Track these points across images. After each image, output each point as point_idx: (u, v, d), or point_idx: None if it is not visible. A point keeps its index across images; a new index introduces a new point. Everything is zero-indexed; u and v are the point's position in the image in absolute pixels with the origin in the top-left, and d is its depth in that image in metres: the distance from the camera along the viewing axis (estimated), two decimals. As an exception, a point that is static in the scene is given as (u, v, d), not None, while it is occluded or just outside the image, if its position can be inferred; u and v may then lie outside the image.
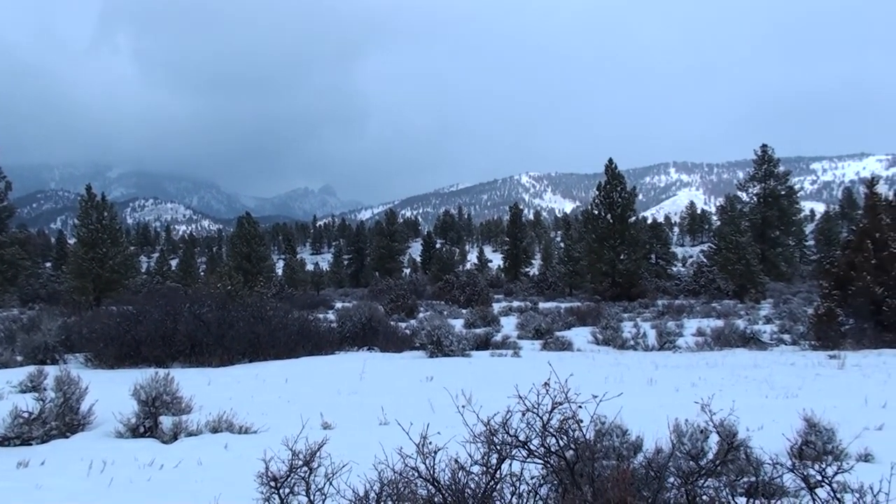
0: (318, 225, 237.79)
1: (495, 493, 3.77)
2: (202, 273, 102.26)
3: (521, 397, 3.96)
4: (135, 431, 8.74)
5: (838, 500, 3.42)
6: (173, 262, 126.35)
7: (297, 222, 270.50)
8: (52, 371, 9.96)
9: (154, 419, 8.87)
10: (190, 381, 11.68)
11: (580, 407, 3.95)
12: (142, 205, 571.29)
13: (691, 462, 6.52)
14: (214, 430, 8.83)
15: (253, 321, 19.35)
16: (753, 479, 4.46)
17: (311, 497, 3.89)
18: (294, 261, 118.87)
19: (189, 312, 18.49)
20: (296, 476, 3.91)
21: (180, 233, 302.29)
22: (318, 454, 4.05)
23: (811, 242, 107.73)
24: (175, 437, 8.58)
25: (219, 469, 7.11)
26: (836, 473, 3.52)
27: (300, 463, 3.92)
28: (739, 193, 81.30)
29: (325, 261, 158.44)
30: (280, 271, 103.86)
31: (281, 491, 3.86)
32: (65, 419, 8.83)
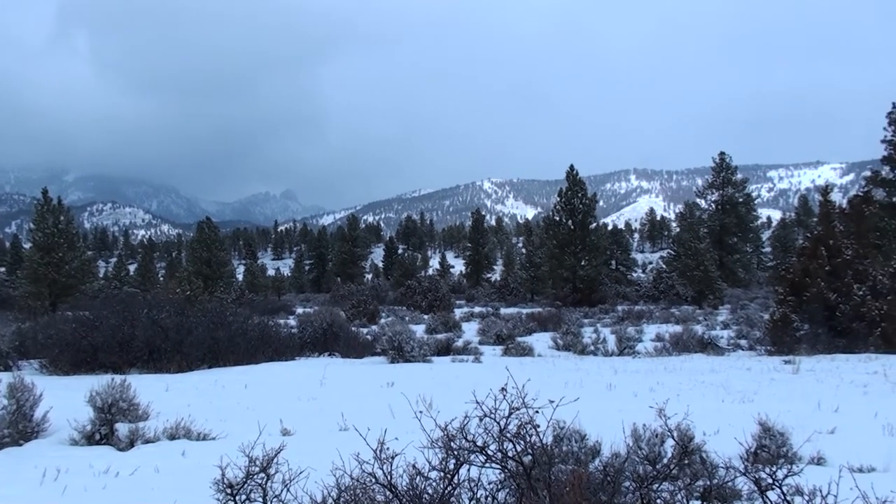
0: (279, 230, 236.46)
1: (453, 499, 3.79)
2: (161, 278, 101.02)
3: (478, 403, 3.99)
4: (90, 439, 8.62)
5: (788, 502, 3.49)
6: (132, 267, 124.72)
7: (258, 227, 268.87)
8: (5, 377, 9.78)
9: (110, 426, 8.76)
10: (147, 388, 11.55)
11: (537, 412, 3.99)
12: (100, 209, 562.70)
13: (648, 466, 6.60)
14: (172, 437, 8.74)
15: (212, 327, 19.16)
16: (709, 482, 4.52)
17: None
18: (255, 266, 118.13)
19: (147, 318, 18.27)
20: (252, 483, 3.89)
21: (139, 237, 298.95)
22: (275, 460, 4.04)
23: (768, 249, 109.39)
24: (132, 445, 8.47)
25: (176, 476, 7.04)
26: (785, 476, 3.59)
27: (257, 469, 3.91)
28: (698, 200, 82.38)
29: (286, 266, 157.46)
30: (241, 276, 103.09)
31: (237, 498, 3.84)
32: (18, 426, 8.67)
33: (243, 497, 3.87)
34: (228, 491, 3.85)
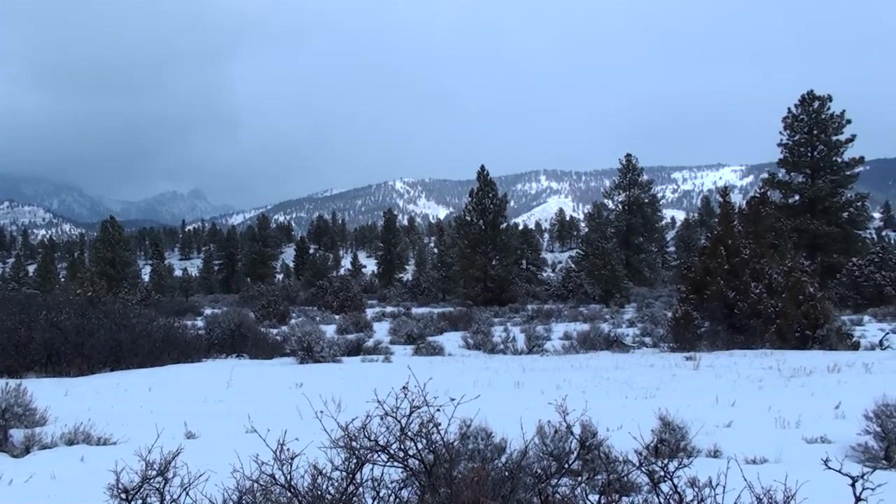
0: (187, 229, 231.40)
1: (356, 498, 3.80)
2: (63, 279, 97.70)
3: (379, 402, 4.01)
4: (-18, 446, 8.30)
5: (679, 494, 3.61)
6: (31, 268, 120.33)
7: (166, 227, 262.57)
8: None
9: (4, 432, 8.44)
10: (45, 392, 11.18)
11: (438, 410, 4.03)
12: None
13: (553, 462, 6.73)
14: (70, 443, 8.48)
15: (115, 328, 18.65)
16: (607, 477, 4.64)
17: (167, 508, 3.81)
18: (162, 266, 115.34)
19: (45, 320, 17.66)
20: (149, 487, 3.81)
21: (39, 237, 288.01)
22: (173, 463, 3.97)
23: (672, 249, 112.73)
24: (27, 451, 8.19)
25: (73, 483, 6.83)
26: (676, 469, 3.72)
27: (154, 473, 3.83)
28: (606, 201, 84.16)
29: (194, 266, 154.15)
30: (147, 277, 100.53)
31: (133, 503, 3.76)
32: None
33: (139, 502, 3.79)
34: (123, 496, 3.76)
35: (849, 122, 54.93)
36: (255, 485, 3.84)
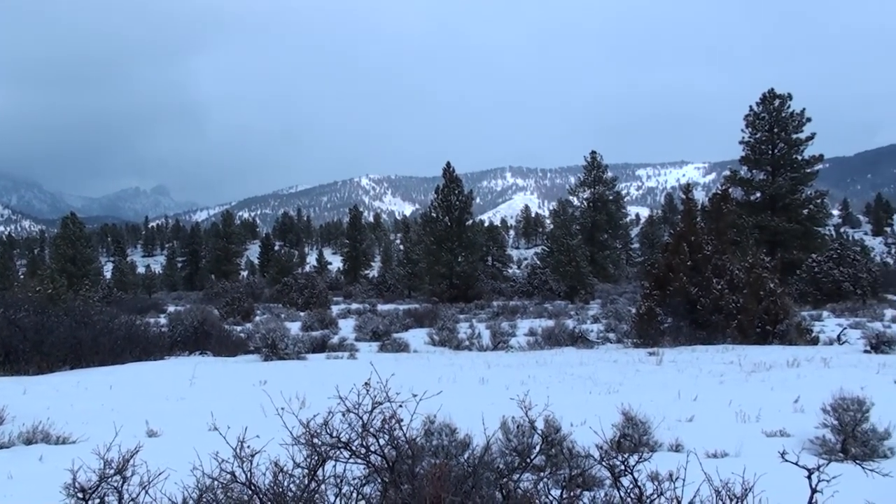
0: (150, 226, 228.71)
1: (318, 496, 3.78)
2: (22, 276, 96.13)
3: (341, 398, 4.00)
4: (-63, 446, 8.15)
5: (639, 487, 3.65)
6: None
7: (128, 223, 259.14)
8: None
9: (-40, 433, 8.30)
10: (3, 391, 11.03)
11: (400, 406, 4.03)
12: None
13: (517, 457, 6.76)
14: (28, 442, 8.36)
15: (75, 326, 18.40)
16: (569, 471, 4.66)
17: (125, 507, 3.76)
18: (124, 263, 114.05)
19: (3, 318, 17.37)
20: (107, 486, 3.76)
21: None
22: (131, 462, 3.92)
23: (636, 245, 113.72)
24: (-17, 451, 8.07)
25: (31, 483, 6.73)
26: (637, 463, 3.75)
27: (112, 472, 3.78)
28: (571, 198, 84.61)
29: (157, 263, 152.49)
30: (109, 274, 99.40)
31: (90, 502, 3.71)
32: None
33: (97, 501, 3.74)
34: (80, 495, 3.71)
35: (808, 120, 55.83)
36: (216, 483, 3.81)
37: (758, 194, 57.41)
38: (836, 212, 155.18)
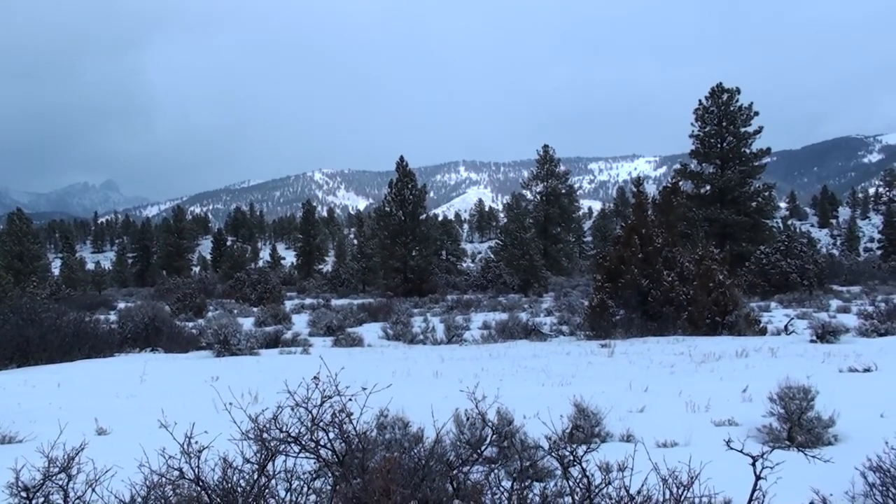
0: (99, 222, 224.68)
1: (268, 490, 3.76)
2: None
3: (290, 392, 3.97)
4: None
5: (587, 477, 3.69)
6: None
7: (77, 219, 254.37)
8: None
9: None
10: (-54, 391, 10.75)
11: (350, 400, 4.01)
12: None
13: (470, 450, 6.78)
14: (-29, 443, 8.19)
15: (22, 323, 18.06)
16: (520, 463, 4.69)
17: (71, 506, 3.70)
18: (73, 260, 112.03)
19: (-54, 317, 16.98)
20: (52, 484, 3.70)
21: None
22: (77, 460, 3.86)
23: (589, 238, 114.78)
24: (-76, 453, 7.87)
25: (-25, 484, 6.59)
26: (585, 453, 3.79)
27: (57, 470, 3.72)
28: (524, 191, 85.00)
29: (107, 260, 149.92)
30: (57, 271, 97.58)
31: (34, 501, 3.64)
32: None
33: (41, 499, 3.67)
34: (24, 494, 3.64)
35: (756, 114, 56.79)
36: (164, 479, 3.76)
37: (707, 187, 58.27)
38: (783, 204, 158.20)
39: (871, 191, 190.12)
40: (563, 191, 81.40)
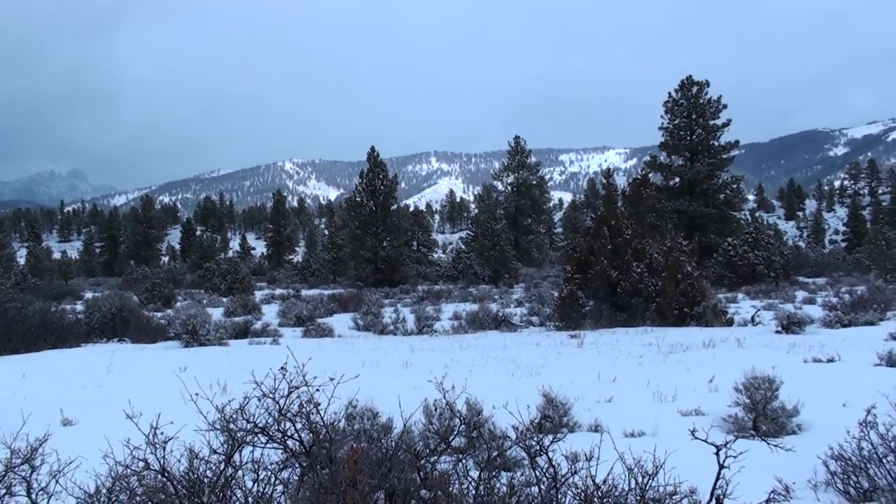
0: (66, 211, 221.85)
1: (234, 481, 3.74)
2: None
3: (257, 383, 3.96)
4: None
5: (554, 467, 3.72)
6: None
7: (43, 208, 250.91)
8: None
9: None
10: None
11: (318, 390, 4.01)
12: None
13: (439, 440, 6.80)
14: (-66, 435, 8.05)
15: (-14, 314, 17.80)
16: (487, 453, 4.72)
17: (34, 497, 3.66)
18: (39, 249, 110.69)
19: None
20: (14, 475, 3.66)
21: None
22: (41, 450, 3.82)
23: (559, 230, 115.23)
24: None
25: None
26: (551, 443, 3.82)
27: (19, 461, 3.68)
28: (495, 183, 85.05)
29: (74, 249, 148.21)
30: (22, 260, 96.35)
31: (-4, 493, 3.61)
32: None
33: (3, 491, 3.63)
34: (-15, 487, 3.60)
35: (725, 107, 57.28)
36: (129, 470, 3.74)
37: (676, 179, 58.70)
38: (751, 197, 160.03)
39: (837, 184, 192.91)
40: (534, 182, 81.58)
